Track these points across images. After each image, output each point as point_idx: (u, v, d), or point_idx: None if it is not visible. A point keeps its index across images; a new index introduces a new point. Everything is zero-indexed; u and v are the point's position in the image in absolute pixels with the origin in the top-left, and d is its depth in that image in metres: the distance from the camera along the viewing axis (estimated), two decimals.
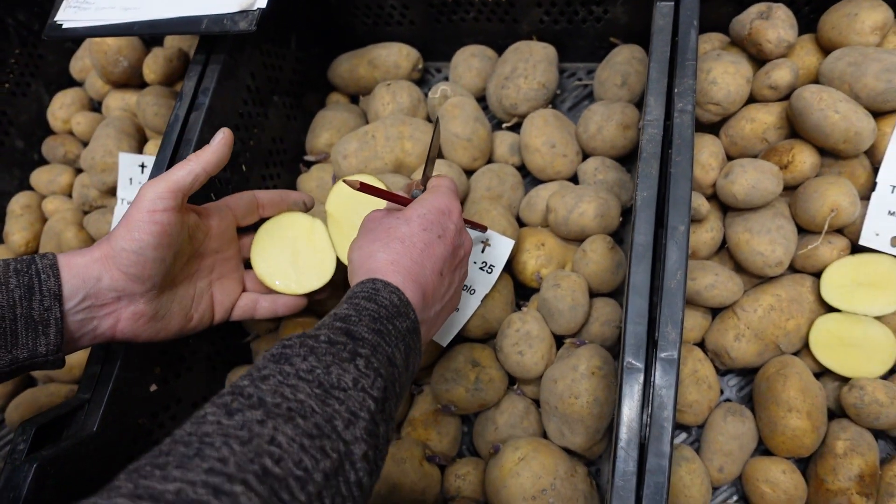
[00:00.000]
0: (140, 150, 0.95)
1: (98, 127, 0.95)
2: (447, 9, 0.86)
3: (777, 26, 0.70)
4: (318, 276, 0.66)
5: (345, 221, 0.66)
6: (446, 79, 0.95)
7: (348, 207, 0.66)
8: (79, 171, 1.04)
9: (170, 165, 0.68)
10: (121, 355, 0.61)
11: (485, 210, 0.74)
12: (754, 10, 0.72)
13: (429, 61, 0.95)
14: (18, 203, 1.00)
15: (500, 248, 0.69)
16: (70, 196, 1.02)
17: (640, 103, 0.81)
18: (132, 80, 1.01)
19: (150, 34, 0.71)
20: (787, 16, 0.71)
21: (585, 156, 0.81)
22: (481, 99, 0.90)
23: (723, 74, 0.69)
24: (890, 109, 0.66)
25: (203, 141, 0.70)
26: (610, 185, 0.76)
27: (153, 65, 0.97)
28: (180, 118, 0.70)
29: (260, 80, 0.80)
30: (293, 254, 0.66)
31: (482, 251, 0.70)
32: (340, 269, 0.67)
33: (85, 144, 1.04)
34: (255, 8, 0.67)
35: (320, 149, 0.88)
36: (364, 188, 0.55)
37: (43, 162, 1.07)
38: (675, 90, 0.58)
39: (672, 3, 0.62)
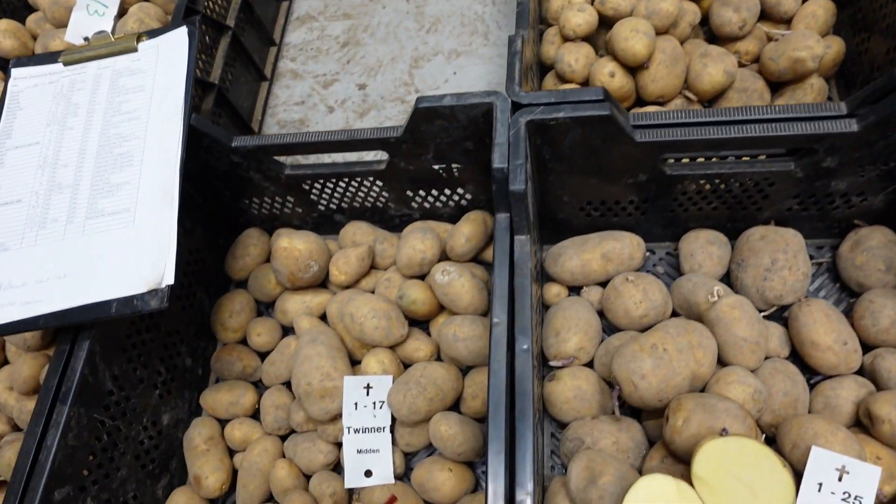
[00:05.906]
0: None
1: (303, 344, 0.85)
2: (676, 203, 0.84)
3: None
4: None
5: (720, 487, 0.59)
6: (661, 259, 0.92)
7: (723, 471, 0.60)
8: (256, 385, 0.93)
9: None
10: None
11: (807, 422, 0.68)
12: None
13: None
14: (201, 436, 0.87)
15: (864, 477, 0.63)
16: (253, 418, 0.90)
17: None
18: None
19: (59, 325, 0.69)
20: None
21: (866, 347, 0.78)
22: None
23: None
24: None
25: None
26: None
27: (344, 266, 0.91)
28: None
29: None
30: None
31: (839, 479, 0.63)
32: None
33: (262, 356, 0.94)
34: (163, 286, 0.68)
35: (569, 353, 0.81)
36: None
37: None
38: None
39: None
